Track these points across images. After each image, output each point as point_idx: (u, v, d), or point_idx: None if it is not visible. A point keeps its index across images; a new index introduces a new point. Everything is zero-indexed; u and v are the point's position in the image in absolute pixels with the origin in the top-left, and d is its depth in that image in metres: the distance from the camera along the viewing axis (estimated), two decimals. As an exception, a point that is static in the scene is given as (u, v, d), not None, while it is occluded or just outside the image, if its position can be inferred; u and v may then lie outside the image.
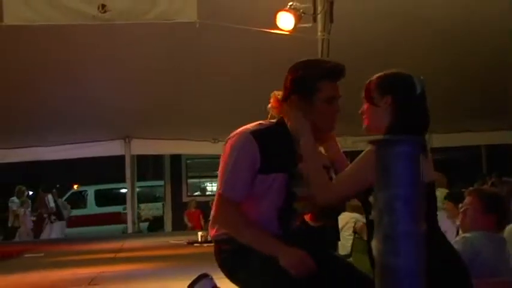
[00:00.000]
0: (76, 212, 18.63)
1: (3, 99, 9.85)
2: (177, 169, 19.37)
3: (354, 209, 7.76)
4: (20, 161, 13.24)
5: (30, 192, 17.97)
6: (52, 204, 15.39)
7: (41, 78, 9.68)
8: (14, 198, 15.84)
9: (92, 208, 19.79)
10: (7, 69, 9.36)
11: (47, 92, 10.06)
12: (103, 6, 7.60)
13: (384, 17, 9.03)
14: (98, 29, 8.39)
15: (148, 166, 23.36)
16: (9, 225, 15.84)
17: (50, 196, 15.60)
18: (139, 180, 19.75)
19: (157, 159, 20.64)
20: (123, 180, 18.33)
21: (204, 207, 15.80)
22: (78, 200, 19.89)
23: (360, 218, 7.95)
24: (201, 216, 16.16)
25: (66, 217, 16.52)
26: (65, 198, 18.28)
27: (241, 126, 2.98)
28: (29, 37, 8.43)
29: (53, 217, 15.44)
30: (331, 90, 2.92)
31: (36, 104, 10.21)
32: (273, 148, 2.87)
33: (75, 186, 20.83)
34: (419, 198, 1.50)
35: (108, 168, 19.87)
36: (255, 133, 2.87)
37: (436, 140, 12.32)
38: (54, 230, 15.57)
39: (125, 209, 19.39)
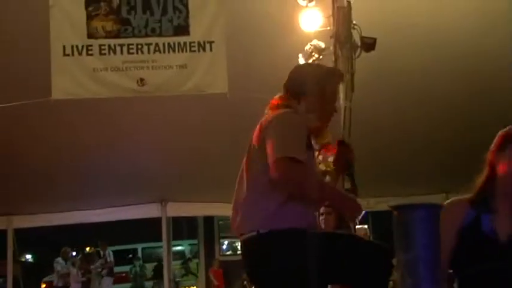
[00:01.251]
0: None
1: (50, 168, 10.00)
2: (210, 230, 19.37)
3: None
4: (65, 224, 13.32)
5: (73, 253, 18.05)
6: (111, 259, 15.47)
7: (85, 150, 9.83)
8: (59, 259, 15.89)
9: None
10: (52, 140, 9.52)
11: (90, 161, 10.19)
12: (141, 80, 7.78)
13: (397, 90, 9.15)
14: (135, 102, 8.54)
15: (182, 226, 23.41)
16: (54, 284, 15.88)
17: (109, 251, 15.67)
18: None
19: (191, 220, 20.70)
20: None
21: (227, 266, 15.76)
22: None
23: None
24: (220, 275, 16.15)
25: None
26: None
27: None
28: (73, 109, 8.57)
29: (104, 271, 15.46)
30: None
31: (79, 172, 10.34)
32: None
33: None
34: (438, 260, 1.49)
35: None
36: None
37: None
38: (104, 285, 15.58)
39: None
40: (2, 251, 12.51)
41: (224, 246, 19.68)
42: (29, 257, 24.64)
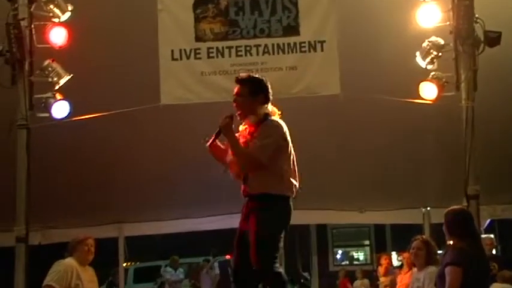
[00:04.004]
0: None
1: (160, 175, 10.24)
2: (323, 239, 19.31)
3: (505, 280, 7.47)
4: (174, 232, 13.58)
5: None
6: (217, 271, 15.43)
7: (194, 156, 10.02)
8: (168, 267, 16.13)
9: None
10: (162, 147, 9.77)
11: (200, 168, 10.38)
12: (252, 82, 7.87)
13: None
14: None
15: (294, 236, 23.46)
16: (164, 294, 16.10)
17: (216, 263, 15.65)
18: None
19: (303, 229, 20.70)
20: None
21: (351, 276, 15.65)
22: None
23: (513, 289, 7.61)
24: (349, 284, 16.01)
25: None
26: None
27: (386, 198, 2.99)
28: (183, 114, 8.76)
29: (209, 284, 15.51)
30: None
31: (190, 179, 10.53)
32: None
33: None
34: None
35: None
36: None
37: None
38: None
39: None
40: (114, 258, 12.90)
41: (338, 256, 19.60)
42: (138, 264, 25.42)
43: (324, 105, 8.61)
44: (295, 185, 5.27)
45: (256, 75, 5.51)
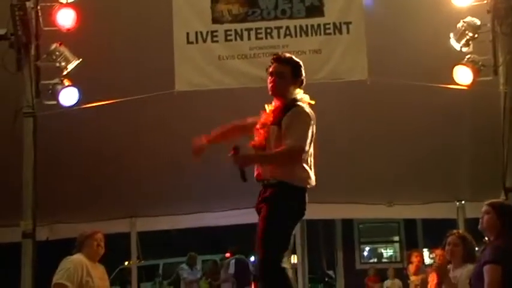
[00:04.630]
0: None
1: (176, 166, 10.21)
2: (349, 235, 19.25)
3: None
4: (190, 227, 13.60)
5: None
6: (231, 271, 15.26)
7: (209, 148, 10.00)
8: (184, 265, 16.05)
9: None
10: (177, 135, 9.75)
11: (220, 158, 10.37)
12: (272, 68, 7.82)
13: None
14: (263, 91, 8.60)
15: (318, 232, 23.47)
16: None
17: (233, 261, 15.51)
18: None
19: (328, 224, 20.66)
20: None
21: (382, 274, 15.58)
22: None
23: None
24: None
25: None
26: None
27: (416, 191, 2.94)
28: (199, 100, 8.73)
29: (226, 284, 15.37)
30: None
31: (209, 170, 10.49)
32: None
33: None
34: None
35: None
36: None
37: None
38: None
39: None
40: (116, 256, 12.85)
41: (365, 253, 19.57)
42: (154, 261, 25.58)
43: (349, 91, 8.56)
44: (311, 177, 5.23)
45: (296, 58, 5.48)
